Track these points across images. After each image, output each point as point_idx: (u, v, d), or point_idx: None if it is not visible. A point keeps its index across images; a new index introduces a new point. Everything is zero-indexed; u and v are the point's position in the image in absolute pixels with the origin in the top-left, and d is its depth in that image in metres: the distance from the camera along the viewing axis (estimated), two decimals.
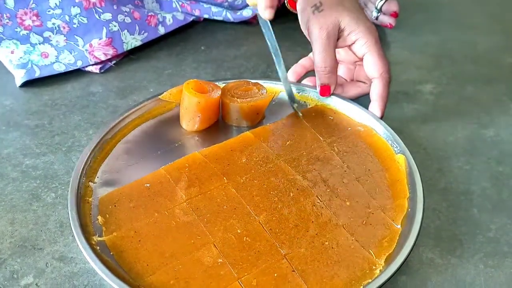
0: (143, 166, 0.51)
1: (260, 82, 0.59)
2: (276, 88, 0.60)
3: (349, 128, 0.55)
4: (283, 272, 0.41)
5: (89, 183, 0.49)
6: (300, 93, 0.60)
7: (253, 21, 0.81)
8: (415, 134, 0.58)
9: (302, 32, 0.57)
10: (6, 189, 0.51)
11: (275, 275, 0.41)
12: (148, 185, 0.48)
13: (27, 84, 0.66)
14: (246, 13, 0.79)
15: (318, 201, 0.47)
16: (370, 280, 0.39)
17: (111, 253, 0.42)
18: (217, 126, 0.57)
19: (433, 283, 0.42)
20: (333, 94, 0.57)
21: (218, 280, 0.40)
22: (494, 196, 0.50)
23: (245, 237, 0.44)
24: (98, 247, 0.42)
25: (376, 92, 0.54)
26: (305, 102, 0.59)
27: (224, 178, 0.49)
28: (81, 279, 0.42)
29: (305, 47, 0.76)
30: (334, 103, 0.58)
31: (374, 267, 0.41)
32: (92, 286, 0.42)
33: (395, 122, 0.55)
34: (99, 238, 0.43)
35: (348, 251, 0.42)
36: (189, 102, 0.54)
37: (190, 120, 0.55)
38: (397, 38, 0.79)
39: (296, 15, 0.58)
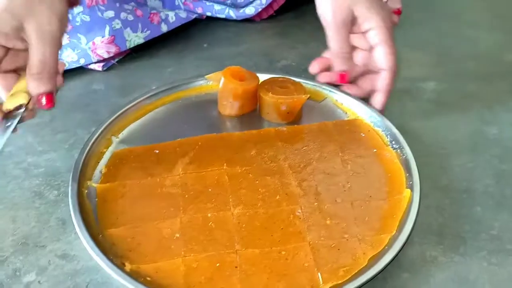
0: (165, 134, 0.54)
1: (302, 81, 0.58)
2: (319, 92, 0.59)
3: (375, 150, 0.52)
4: (226, 264, 0.42)
5: (112, 137, 0.54)
6: (343, 104, 0.58)
7: (255, 19, 0.81)
8: (417, 132, 0.58)
9: (302, 30, 0.57)
10: (8, 187, 0.51)
11: (217, 264, 0.41)
12: (157, 151, 0.52)
13: None
14: (249, 11, 0.78)
15: (299, 211, 0.46)
16: None
17: (96, 199, 0.47)
18: (252, 116, 0.58)
19: (436, 281, 0.42)
20: (370, 107, 0.56)
21: (165, 251, 0.43)
22: (497, 193, 0.50)
23: (210, 222, 0.45)
24: (86, 191, 0.47)
25: (383, 84, 0.55)
26: (346, 113, 0.58)
27: (225, 164, 0.50)
28: (83, 277, 0.42)
29: (306, 44, 0.76)
30: (372, 119, 0.55)
31: None
32: (94, 284, 0.42)
33: (398, 119, 0.55)
34: (93, 184, 0.48)
35: (299, 267, 0.41)
36: (224, 87, 0.56)
37: (224, 105, 0.57)
38: (398, 35, 0.78)
39: (297, 10, 0.58)
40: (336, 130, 0.55)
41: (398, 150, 0.51)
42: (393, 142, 0.52)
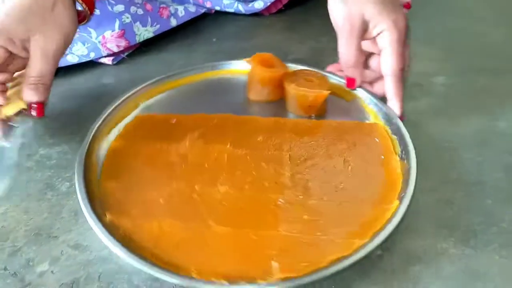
0: (190, 108, 0.57)
1: (335, 78, 0.58)
2: (349, 91, 0.58)
3: (383, 157, 0.51)
4: (196, 236, 0.43)
5: (140, 102, 0.58)
6: (370, 106, 0.56)
7: (264, 13, 0.81)
8: (427, 126, 0.58)
9: (311, 24, 0.57)
10: (21, 178, 0.51)
11: (188, 234, 0.44)
12: (174, 121, 0.55)
13: None
14: (258, 5, 0.79)
15: (281, 201, 0.46)
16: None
17: (106, 154, 0.51)
18: (279, 105, 0.58)
19: (446, 273, 0.42)
20: (394, 114, 0.54)
21: (147, 212, 0.45)
22: (507, 187, 0.50)
23: (196, 195, 0.47)
24: (97, 147, 0.51)
25: (388, 90, 0.53)
26: (370, 115, 0.56)
27: (229, 144, 0.52)
28: (96, 267, 0.43)
29: (315, 39, 0.76)
30: (391, 126, 0.53)
31: (268, 276, 0.40)
32: (107, 274, 0.42)
33: (408, 114, 0.55)
34: (108, 140, 0.53)
35: (262, 253, 0.42)
36: (252, 72, 0.58)
37: (253, 90, 0.58)
38: None
39: (306, 5, 0.58)
40: (352, 131, 0.54)
41: (405, 161, 0.49)
42: (403, 152, 0.50)
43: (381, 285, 0.41)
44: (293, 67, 0.60)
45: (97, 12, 0.66)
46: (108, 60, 0.69)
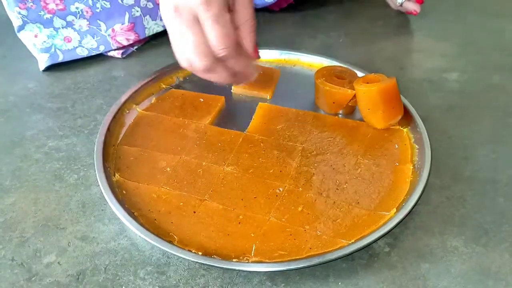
0: (221, 90, 0.59)
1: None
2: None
3: (397, 164, 0.49)
4: (188, 207, 0.45)
5: (176, 77, 0.62)
6: None
7: (275, 9, 0.81)
8: (440, 122, 0.57)
9: (322, 19, 0.56)
10: (30, 170, 0.51)
11: (181, 204, 0.46)
12: (202, 100, 0.58)
13: (50, 67, 0.66)
14: None
15: (280, 189, 0.47)
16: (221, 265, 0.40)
17: (132, 121, 0.55)
18: (310, 99, 0.59)
19: (457, 271, 0.41)
20: (421, 122, 0.53)
21: (151, 178, 0.48)
22: None
23: (200, 170, 0.49)
24: (128, 112, 0.56)
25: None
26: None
27: (246, 130, 0.54)
28: (102, 259, 0.43)
29: (326, 33, 0.75)
30: (415, 135, 0.52)
31: (246, 257, 0.41)
32: (113, 266, 0.42)
33: (420, 110, 0.54)
34: (138, 109, 0.56)
35: (244, 234, 0.43)
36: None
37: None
38: (421, 26, 0.78)
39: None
40: (373, 134, 0.53)
41: (418, 171, 0.48)
42: (419, 162, 0.49)
43: (390, 283, 0.41)
44: (328, 62, 0.60)
45: (107, 4, 0.66)
46: (117, 54, 0.69)
